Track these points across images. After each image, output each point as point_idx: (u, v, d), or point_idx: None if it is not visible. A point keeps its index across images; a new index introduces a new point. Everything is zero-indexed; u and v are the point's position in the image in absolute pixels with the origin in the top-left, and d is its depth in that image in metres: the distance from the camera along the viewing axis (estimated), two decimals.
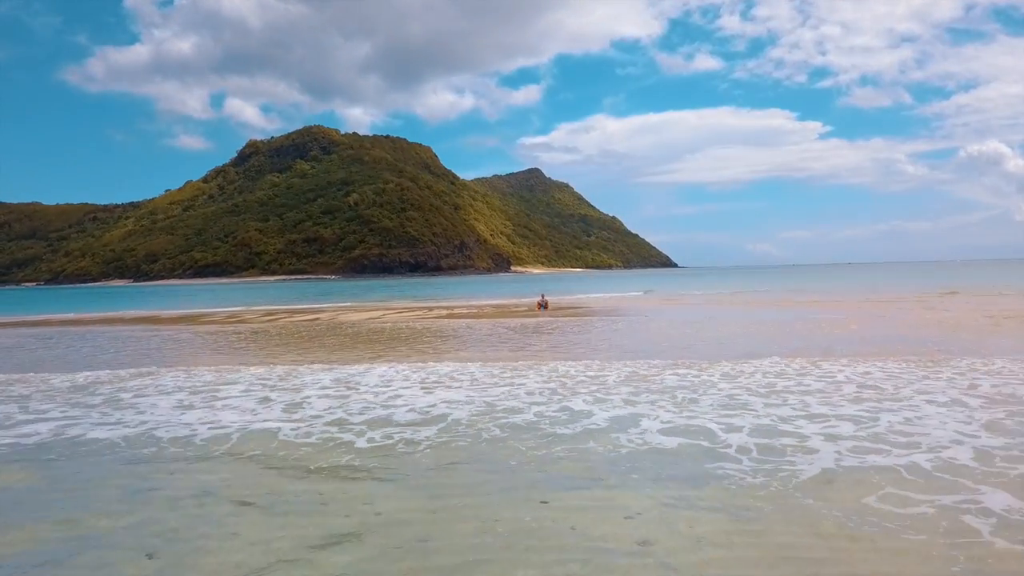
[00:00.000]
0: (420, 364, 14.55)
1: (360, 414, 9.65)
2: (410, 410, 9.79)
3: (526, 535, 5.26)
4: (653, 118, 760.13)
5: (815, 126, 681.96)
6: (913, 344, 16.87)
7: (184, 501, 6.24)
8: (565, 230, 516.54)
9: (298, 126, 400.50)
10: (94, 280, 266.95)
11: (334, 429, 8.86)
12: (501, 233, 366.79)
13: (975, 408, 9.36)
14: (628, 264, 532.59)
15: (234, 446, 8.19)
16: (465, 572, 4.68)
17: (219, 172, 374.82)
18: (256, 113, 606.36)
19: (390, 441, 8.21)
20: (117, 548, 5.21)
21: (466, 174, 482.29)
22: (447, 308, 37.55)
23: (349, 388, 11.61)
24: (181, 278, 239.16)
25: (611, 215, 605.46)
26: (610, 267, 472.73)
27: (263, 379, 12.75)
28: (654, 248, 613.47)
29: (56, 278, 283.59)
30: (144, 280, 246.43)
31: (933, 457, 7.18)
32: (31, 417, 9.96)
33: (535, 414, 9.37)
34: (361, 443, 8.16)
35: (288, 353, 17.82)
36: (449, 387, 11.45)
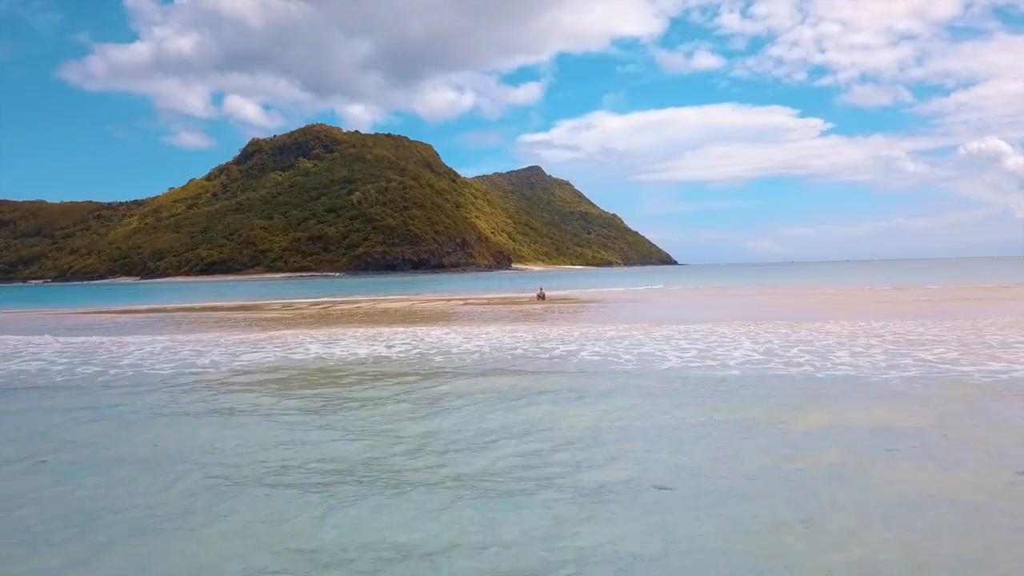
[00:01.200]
0: (458, 328, 22.58)
1: (431, 349, 17.61)
2: (458, 348, 17.77)
3: (519, 388, 13.21)
4: (654, 115, 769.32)
5: (816, 123, 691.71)
6: (790, 317, 24.77)
7: (369, 379, 14.23)
8: (565, 227, 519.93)
9: (299, 124, 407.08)
10: (101, 277, 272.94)
11: (419, 355, 16.81)
12: (502, 231, 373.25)
13: (770, 343, 17.27)
14: (628, 261, 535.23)
15: (373, 362, 16.11)
16: (496, 393, 12.65)
17: (222, 170, 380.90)
18: (257, 111, 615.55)
19: (451, 359, 16.16)
20: (353, 399, 13.20)
21: (467, 171, 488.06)
22: (462, 299, 45.82)
23: (418, 339, 19.61)
24: (187, 275, 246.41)
25: (611, 212, 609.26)
26: (610, 264, 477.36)
27: (363, 336, 20.74)
28: (654, 246, 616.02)
29: (63, 275, 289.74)
30: (150, 277, 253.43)
31: (719, 363, 15.06)
32: (250, 351, 17.89)
33: (523, 350, 17.33)
34: (437, 359, 16.11)
35: (363, 324, 25.81)
36: (478, 338, 19.44)
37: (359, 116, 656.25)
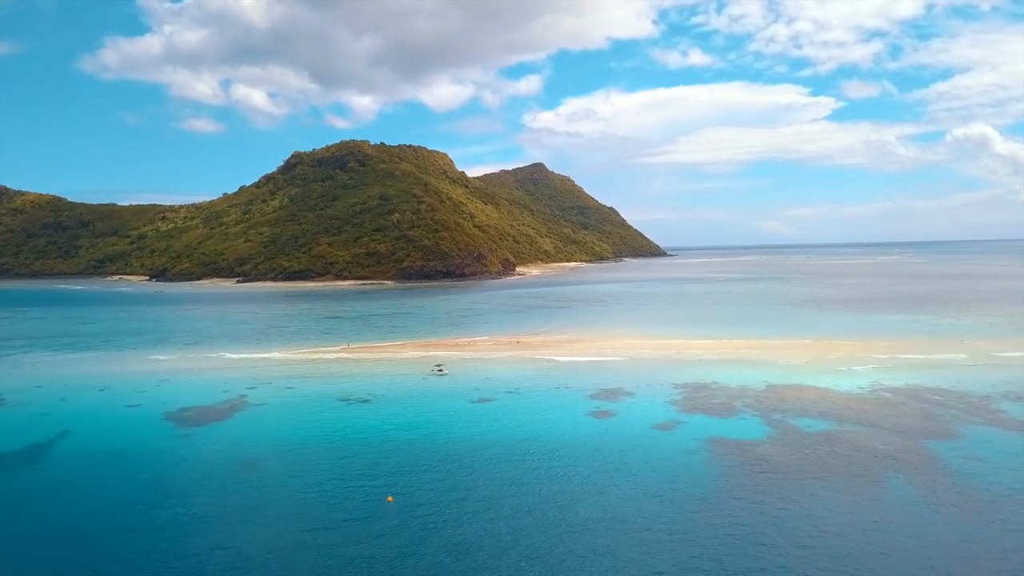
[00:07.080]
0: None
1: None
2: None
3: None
4: (657, 100, 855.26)
5: (828, 101, 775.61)
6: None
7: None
8: (565, 222, 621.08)
9: (308, 116, 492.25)
10: (197, 279, 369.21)
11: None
12: (507, 234, 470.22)
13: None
14: (620, 254, 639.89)
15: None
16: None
17: (269, 179, 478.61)
18: (264, 98, 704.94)
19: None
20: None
21: (470, 162, 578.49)
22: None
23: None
24: (275, 281, 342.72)
25: (609, 206, 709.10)
26: (603, 258, 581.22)
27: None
28: (646, 239, 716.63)
29: (162, 275, 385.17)
30: (245, 281, 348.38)
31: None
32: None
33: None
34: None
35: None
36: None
37: (368, 107, 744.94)
